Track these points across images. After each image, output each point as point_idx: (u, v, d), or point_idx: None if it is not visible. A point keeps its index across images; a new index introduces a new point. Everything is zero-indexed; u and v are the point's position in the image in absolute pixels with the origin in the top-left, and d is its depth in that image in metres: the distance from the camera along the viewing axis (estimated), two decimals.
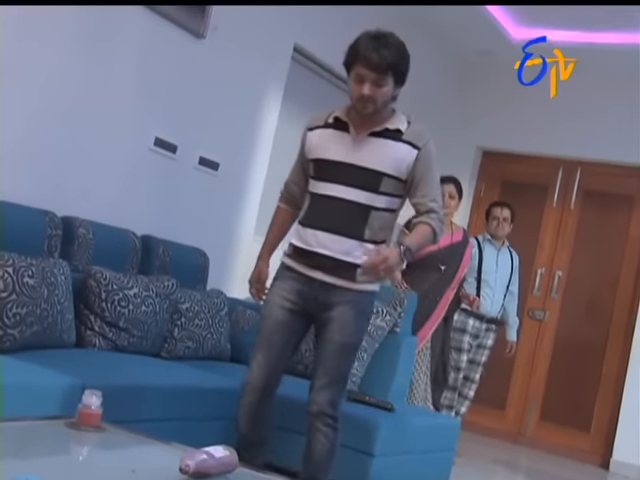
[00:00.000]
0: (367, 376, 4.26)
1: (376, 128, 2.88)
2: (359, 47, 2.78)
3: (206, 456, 1.90)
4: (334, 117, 2.97)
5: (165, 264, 4.28)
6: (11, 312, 3.19)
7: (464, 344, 5.31)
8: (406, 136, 2.89)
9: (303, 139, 3.05)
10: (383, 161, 2.86)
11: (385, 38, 2.79)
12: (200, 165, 4.70)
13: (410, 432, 3.91)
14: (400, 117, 2.95)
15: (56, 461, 1.93)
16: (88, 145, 4.08)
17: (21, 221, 3.53)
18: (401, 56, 2.81)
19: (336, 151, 2.89)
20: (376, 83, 2.78)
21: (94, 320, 3.70)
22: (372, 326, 4.24)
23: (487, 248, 5.43)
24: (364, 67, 2.77)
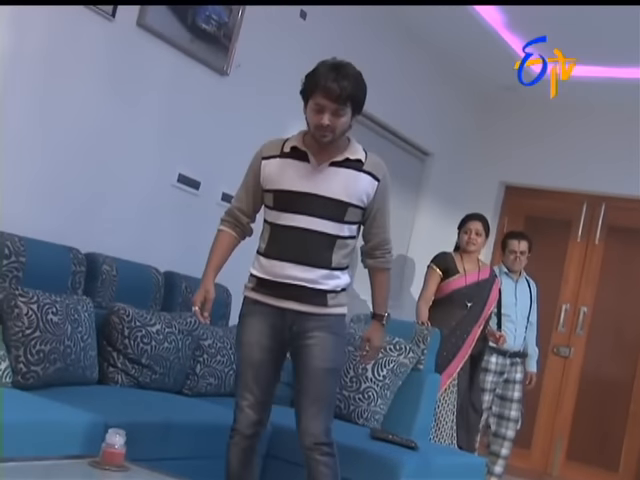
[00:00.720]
0: (390, 414, 4.24)
1: (337, 158, 2.89)
2: (319, 77, 2.78)
3: None
4: (291, 147, 2.94)
5: (187, 300, 4.28)
6: (35, 349, 3.21)
7: (487, 384, 5.24)
8: (367, 167, 2.92)
9: (256, 168, 3.00)
10: (347, 191, 2.86)
11: (344, 68, 2.80)
12: (223, 201, 4.72)
13: (434, 471, 3.87)
14: (357, 146, 2.96)
15: None
16: (112, 181, 4.12)
17: (45, 258, 3.57)
18: (359, 87, 2.82)
19: (298, 182, 2.87)
20: (335, 113, 2.79)
21: (117, 357, 3.72)
22: (395, 363, 4.23)
23: (504, 281, 5.34)
24: (324, 97, 2.77)
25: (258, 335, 2.93)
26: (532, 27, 5.45)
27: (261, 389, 2.95)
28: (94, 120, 3.97)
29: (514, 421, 5.34)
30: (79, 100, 3.88)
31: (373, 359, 3.15)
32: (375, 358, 3.19)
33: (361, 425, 4.15)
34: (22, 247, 3.43)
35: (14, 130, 3.61)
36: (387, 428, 4.12)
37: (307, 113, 2.86)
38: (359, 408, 4.18)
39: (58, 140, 3.83)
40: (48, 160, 3.80)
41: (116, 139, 4.09)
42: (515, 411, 5.33)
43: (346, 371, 4.23)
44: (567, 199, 6.88)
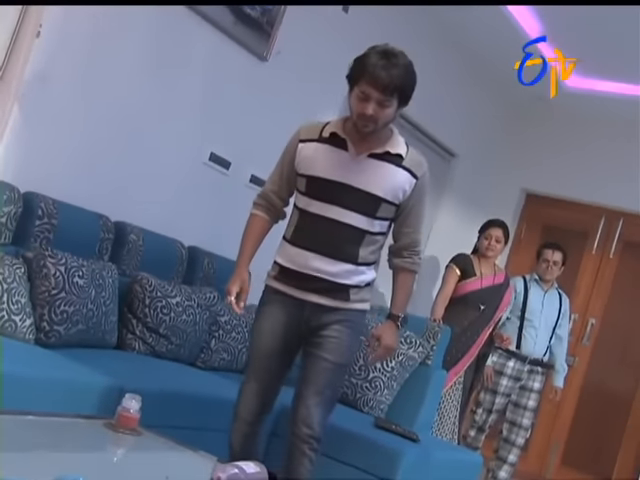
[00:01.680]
0: (395, 405, 4.25)
1: (377, 150, 2.72)
2: (367, 63, 2.59)
3: (237, 470, 1.91)
4: (330, 132, 2.76)
5: (208, 276, 4.32)
6: (59, 309, 3.25)
7: (500, 387, 5.21)
8: (406, 162, 2.75)
9: (291, 150, 2.83)
10: (383, 186, 2.71)
11: (395, 57, 2.60)
12: (251, 183, 4.74)
13: (433, 464, 3.88)
14: (399, 139, 2.79)
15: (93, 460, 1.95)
16: (146, 155, 4.14)
17: (76, 222, 3.60)
18: (409, 78, 2.63)
19: (334, 170, 2.71)
20: (381, 103, 2.60)
21: (136, 324, 3.75)
22: (404, 356, 4.24)
23: (533, 288, 5.30)
24: (370, 86, 2.57)
25: (274, 324, 2.80)
26: (568, 37, 5.41)
27: (269, 378, 2.83)
28: (135, 95, 3.99)
29: (525, 429, 5.29)
30: (122, 75, 3.90)
31: (382, 359, 2.98)
32: (384, 358, 2.98)
33: (366, 413, 4.16)
34: (55, 210, 3.46)
35: (60, 100, 3.64)
36: (391, 418, 4.14)
37: (351, 99, 2.67)
38: (365, 396, 4.19)
39: (100, 112, 3.85)
40: (89, 130, 3.82)
41: (154, 114, 4.11)
42: (527, 419, 5.28)
43: (356, 359, 4.24)
44: (586, 211, 6.84)
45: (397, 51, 2.63)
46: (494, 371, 5.18)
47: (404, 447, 3.70)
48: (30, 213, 3.39)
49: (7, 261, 3.11)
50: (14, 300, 3.06)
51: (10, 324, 3.04)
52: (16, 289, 3.08)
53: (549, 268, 5.27)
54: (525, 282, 5.32)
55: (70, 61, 3.65)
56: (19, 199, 3.34)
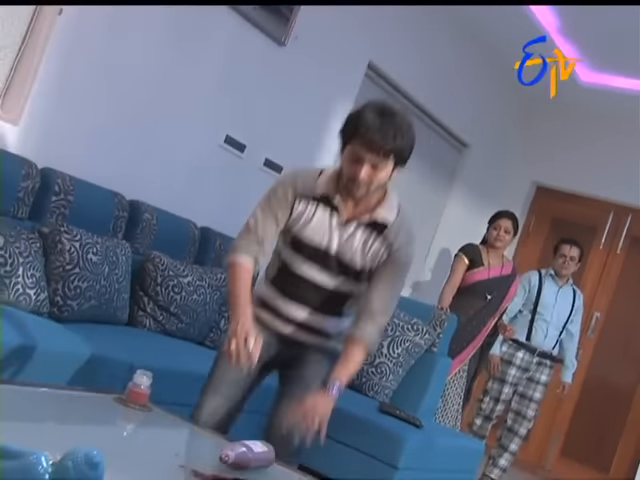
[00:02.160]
0: (400, 390, 4.26)
1: (364, 218, 2.46)
2: (362, 123, 2.32)
3: (245, 449, 1.92)
4: (322, 195, 2.47)
5: (220, 257, 4.32)
6: (73, 284, 3.26)
7: (509, 377, 5.20)
8: (389, 232, 2.48)
9: (286, 199, 2.48)
10: (366, 260, 2.47)
11: (392, 117, 2.34)
12: (265, 167, 4.74)
13: (435, 450, 3.90)
14: (391, 204, 2.50)
15: (103, 434, 1.96)
16: (163, 135, 4.14)
17: (92, 199, 3.61)
18: (407, 140, 2.36)
19: (322, 236, 2.46)
20: (374, 166, 2.35)
21: (147, 302, 3.76)
22: (410, 343, 4.25)
23: (547, 283, 5.26)
24: (364, 148, 2.32)
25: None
26: (585, 33, 5.38)
27: (228, 405, 2.52)
28: (153, 76, 3.98)
29: (529, 420, 5.28)
30: (141, 56, 3.89)
31: (312, 429, 2.30)
32: (315, 429, 2.30)
33: (371, 397, 4.17)
34: (71, 186, 3.46)
35: (80, 78, 3.65)
36: (395, 404, 4.14)
37: (343, 158, 2.41)
38: (371, 381, 4.20)
39: (119, 92, 3.85)
40: (107, 109, 3.82)
41: (171, 96, 4.11)
42: (532, 411, 5.27)
43: None
44: (595, 206, 6.82)
45: (395, 109, 2.38)
46: (503, 361, 5.18)
47: (407, 432, 3.71)
48: (47, 189, 3.40)
49: (23, 235, 3.12)
50: (29, 274, 3.07)
51: (25, 297, 3.05)
52: (31, 263, 3.09)
53: (566, 263, 5.23)
54: (540, 276, 5.30)
55: (91, 39, 3.64)
56: (37, 175, 3.34)
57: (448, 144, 6.48)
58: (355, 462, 3.66)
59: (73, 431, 1.71)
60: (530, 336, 5.21)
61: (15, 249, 3.03)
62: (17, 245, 3.05)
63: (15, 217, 3.28)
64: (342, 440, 3.61)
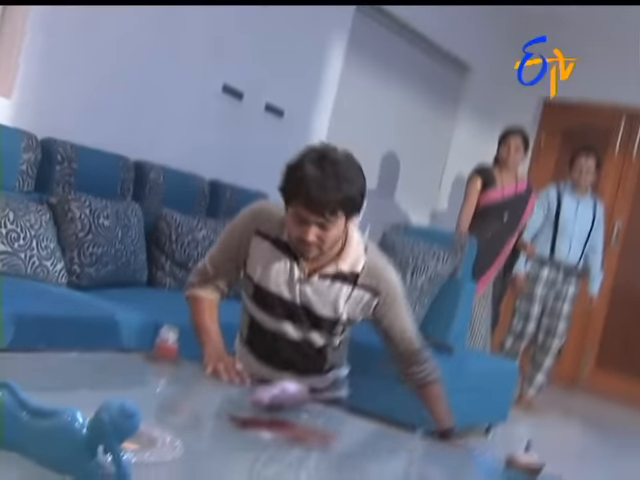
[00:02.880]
0: (427, 320, 4.28)
1: (327, 269, 2.22)
2: (301, 181, 2.04)
3: (278, 391, 1.94)
4: (283, 241, 2.23)
5: (232, 208, 4.32)
6: (88, 251, 3.29)
7: (536, 294, 5.22)
8: (363, 279, 2.22)
9: (244, 238, 2.26)
10: (338, 309, 2.24)
11: (334, 165, 2.06)
12: (266, 111, 4.72)
13: (468, 373, 3.94)
14: (354, 249, 2.23)
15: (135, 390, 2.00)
16: (159, 92, 4.12)
17: (96, 165, 3.62)
18: (356, 187, 2.09)
19: (284, 286, 2.23)
20: (323, 226, 2.09)
21: (164, 261, 3.78)
22: (433, 271, 4.26)
23: (567, 197, 5.25)
24: (306, 209, 2.06)
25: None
26: None
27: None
28: (143, 32, 3.95)
29: (560, 335, 5.32)
30: (128, 11, 3.85)
31: None
32: None
33: None
34: (74, 154, 3.47)
35: (67, 44, 3.62)
36: (425, 333, 4.16)
37: (287, 217, 2.15)
38: None
39: (108, 53, 3.82)
40: (99, 72, 3.80)
41: (163, 50, 4.07)
42: (563, 326, 5.30)
43: None
44: (606, 113, 6.74)
45: (338, 155, 2.10)
46: (529, 279, 5.20)
47: (439, 358, 3.69)
48: (50, 159, 3.41)
49: (32, 208, 3.13)
50: (43, 245, 3.09)
51: (42, 269, 3.08)
52: (44, 235, 3.11)
53: (582, 175, 5.20)
54: (558, 190, 5.27)
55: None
56: (37, 146, 3.35)
57: (448, 68, 6.41)
58: (388, 394, 3.68)
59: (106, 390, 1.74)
60: (554, 251, 5.21)
61: (26, 222, 3.05)
62: (27, 218, 3.07)
63: (21, 191, 3.30)
64: (373, 373, 3.65)
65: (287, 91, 4.84)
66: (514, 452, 1.84)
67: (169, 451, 1.44)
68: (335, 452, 1.85)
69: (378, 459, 1.90)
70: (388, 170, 5.97)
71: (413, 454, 2.15)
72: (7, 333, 2.45)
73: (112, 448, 1.19)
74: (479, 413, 4.13)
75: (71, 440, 1.22)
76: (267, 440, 1.76)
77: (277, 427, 1.81)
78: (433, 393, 2.36)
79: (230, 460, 1.59)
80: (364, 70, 5.44)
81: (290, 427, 1.84)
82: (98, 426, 1.20)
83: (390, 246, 4.38)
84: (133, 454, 1.37)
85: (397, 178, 6.07)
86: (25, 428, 1.24)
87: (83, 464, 1.21)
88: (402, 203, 6.08)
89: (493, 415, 4.36)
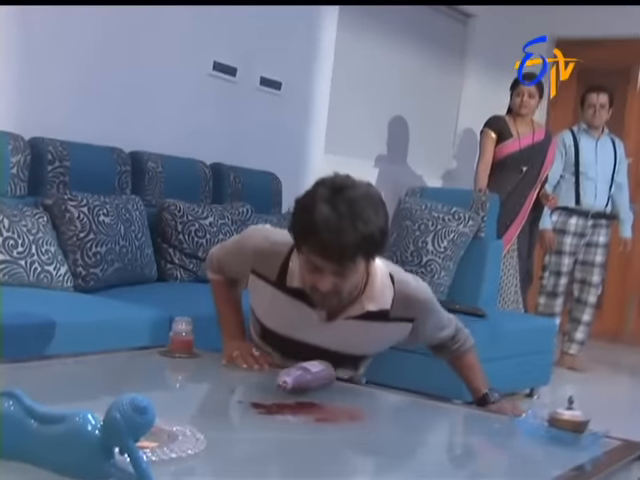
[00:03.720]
0: (454, 285, 4.27)
1: (352, 311, 2.09)
2: (312, 226, 1.88)
3: (302, 371, 1.93)
4: (294, 288, 2.08)
5: (237, 191, 4.32)
6: (91, 251, 3.28)
7: (565, 246, 5.17)
8: (394, 313, 2.11)
9: (244, 265, 2.18)
10: (369, 347, 2.20)
11: (349, 203, 1.88)
12: (262, 86, 4.69)
13: (504, 336, 3.92)
14: (378, 287, 2.09)
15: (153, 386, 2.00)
16: (147, 78, 4.09)
17: (89, 160, 3.60)
18: (375, 225, 1.90)
19: (302, 330, 2.13)
20: (340, 274, 1.95)
21: (173, 253, 3.78)
22: (455, 233, 4.24)
23: (583, 139, 5.19)
24: (320, 257, 1.91)
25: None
26: None
27: None
28: (122, 15, 3.90)
29: (596, 286, 5.28)
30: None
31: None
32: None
33: None
34: (65, 151, 3.46)
35: (41, 36, 3.60)
36: (453, 299, 4.16)
37: (300, 263, 2.02)
38: None
39: (87, 41, 3.79)
40: (79, 63, 3.77)
41: (146, 33, 4.04)
42: (597, 276, 5.26)
43: (405, 246, 4.25)
44: (623, 47, 6.64)
45: (353, 189, 1.92)
46: (556, 231, 5.15)
47: (472, 325, 3.64)
48: (40, 159, 3.40)
49: (27, 212, 3.13)
50: (43, 250, 3.09)
51: (45, 275, 3.08)
52: (43, 239, 3.11)
53: (596, 113, 5.14)
54: (574, 134, 5.21)
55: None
56: (26, 147, 3.34)
57: (451, 18, 6.34)
58: (422, 368, 3.68)
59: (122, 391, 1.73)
60: (579, 199, 5.16)
61: (22, 228, 3.05)
62: (23, 223, 3.07)
63: (14, 196, 3.29)
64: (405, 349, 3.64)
65: (282, 62, 4.80)
66: (556, 409, 1.82)
67: (191, 445, 1.44)
68: (368, 428, 1.84)
69: (416, 431, 1.89)
70: (397, 134, 5.93)
71: (452, 423, 2.15)
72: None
73: (127, 447, 1.19)
74: (520, 377, 4.12)
75: (85, 443, 1.21)
76: (295, 424, 1.76)
77: (304, 410, 1.81)
78: (467, 362, 2.33)
79: (257, 448, 1.59)
80: (360, 31, 5.38)
81: (318, 408, 1.84)
82: (110, 426, 1.19)
83: (408, 212, 4.36)
84: (152, 452, 1.37)
85: (407, 141, 6.02)
86: (35, 436, 1.24)
87: (99, 467, 1.20)
88: (416, 167, 6.05)
89: (535, 378, 4.34)
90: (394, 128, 5.89)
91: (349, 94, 5.36)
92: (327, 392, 1.96)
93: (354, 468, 1.62)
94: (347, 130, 5.37)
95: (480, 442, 1.85)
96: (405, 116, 5.95)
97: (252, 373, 2.07)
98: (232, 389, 1.91)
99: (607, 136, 5.28)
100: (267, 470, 1.45)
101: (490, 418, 2.08)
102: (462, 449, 1.82)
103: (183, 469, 1.37)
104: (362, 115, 5.53)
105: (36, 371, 1.95)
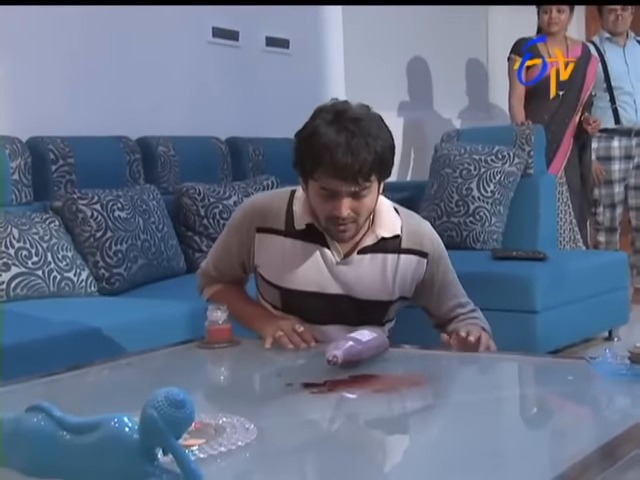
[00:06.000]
0: (508, 230, 4.24)
1: (367, 241, 2.17)
2: (322, 148, 1.99)
3: (352, 342, 1.91)
4: (306, 224, 2.16)
5: (259, 163, 4.31)
6: (111, 251, 3.29)
7: (613, 173, 5.08)
8: (406, 243, 2.19)
9: (242, 241, 2.24)
10: (388, 286, 2.20)
11: (356, 122, 2.01)
12: (269, 47, 4.67)
13: (571, 278, 3.87)
14: (387, 212, 2.20)
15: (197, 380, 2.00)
16: (143, 56, 4.08)
17: (95, 153, 3.62)
18: (385, 143, 2.04)
19: (316, 278, 2.17)
20: (356, 195, 2.03)
21: (200, 240, 3.78)
22: (501, 174, 4.20)
23: (609, 49, 5.09)
24: (335, 179, 2.00)
25: None
26: None
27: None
28: None
29: None
30: None
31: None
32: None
33: (479, 250, 4.15)
34: (67, 148, 3.47)
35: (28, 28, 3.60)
36: (508, 246, 4.12)
37: (310, 196, 2.11)
38: (473, 232, 4.17)
39: (73, 28, 3.78)
40: (68, 52, 3.76)
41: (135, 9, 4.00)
42: None
43: (449, 196, 4.21)
44: None
45: (356, 109, 2.05)
46: (599, 159, 5.05)
47: (534, 270, 3.69)
48: (42, 160, 3.41)
49: (37, 218, 3.15)
50: (60, 257, 3.11)
51: (66, 282, 3.10)
52: (58, 244, 3.13)
53: (618, 18, 5.03)
54: (596, 46, 5.10)
55: None
56: (24, 149, 3.35)
57: None
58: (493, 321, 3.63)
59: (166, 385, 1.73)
60: (618, 118, 5.05)
61: (34, 236, 3.06)
62: (34, 231, 3.08)
63: (20, 203, 3.31)
64: None
65: (287, 18, 4.77)
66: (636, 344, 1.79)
67: (241, 436, 1.43)
68: (434, 393, 1.82)
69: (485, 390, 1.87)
70: (419, 78, 5.85)
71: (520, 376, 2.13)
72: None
73: (170, 445, 1.17)
74: (594, 320, 4.08)
75: (124, 448, 1.20)
76: (353, 399, 1.75)
77: (359, 383, 1.79)
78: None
79: (313, 430, 1.58)
80: None
81: (374, 379, 1.82)
82: (148, 425, 1.18)
83: (446, 159, 4.32)
84: (200, 449, 1.36)
85: (431, 85, 5.94)
86: (69, 448, 1.22)
87: (143, 471, 1.19)
88: (443, 110, 5.96)
89: (611, 319, 4.29)
90: (415, 72, 5.81)
91: (363, 42, 5.29)
92: (381, 361, 1.94)
93: (426, 436, 1.59)
94: (365, 81, 5.30)
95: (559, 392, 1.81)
96: (425, 57, 5.85)
97: (299, 352, 2.06)
98: (279, 372, 1.89)
99: (634, 40, 5.16)
100: (328, 451, 1.44)
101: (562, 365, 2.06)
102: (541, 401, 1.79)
103: (235, 462, 1.36)
104: (379, 63, 5.46)
105: (70, 382, 1.95)
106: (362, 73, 5.26)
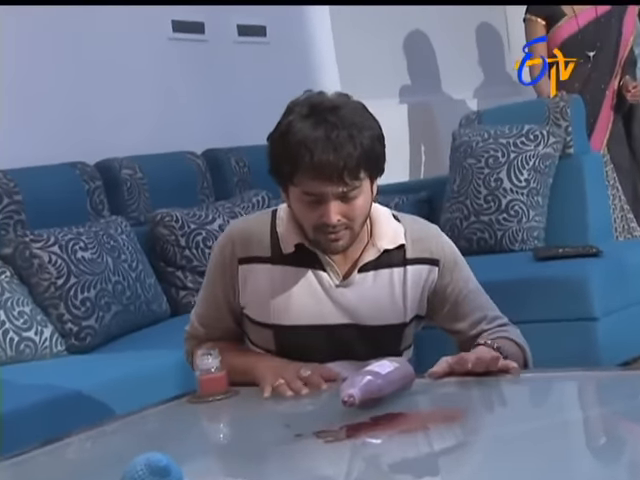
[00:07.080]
0: (551, 224, 4.24)
1: (366, 256, 2.19)
2: (298, 146, 2.01)
3: (371, 376, 1.92)
4: (295, 244, 2.17)
5: (244, 177, 4.35)
6: (77, 300, 3.31)
7: None
8: (412, 252, 2.20)
9: (226, 277, 2.24)
10: (399, 306, 2.21)
11: (336, 113, 2.04)
12: (241, 36, 4.71)
13: (633, 275, 3.88)
14: (385, 219, 2.23)
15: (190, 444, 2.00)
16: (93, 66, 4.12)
17: (47, 186, 3.65)
18: (371, 133, 2.06)
19: (313, 309, 2.18)
20: (345, 197, 2.04)
21: (182, 276, 3.81)
22: (535, 158, 4.21)
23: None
24: (318, 182, 2.01)
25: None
26: None
27: None
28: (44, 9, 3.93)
29: None
30: None
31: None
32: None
33: (519, 251, 4.16)
34: (11, 182, 3.50)
35: None
36: (552, 243, 4.13)
37: (292, 205, 2.13)
38: (509, 231, 4.18)
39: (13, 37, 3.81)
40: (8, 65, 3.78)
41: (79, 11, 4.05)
42: None
43: (475, 191, 4.22)
44: None
45: (334, 99, 2.09)
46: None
47: (586, 268, 3.71)
48: None
49: None
50: (15, 314, 3.13)
51: (27, 344, 3.12)
52: (11, 299, 3.15)
53: None
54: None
55: None
56: None
57: None
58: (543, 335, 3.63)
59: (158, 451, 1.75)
60: None
61: None
62: None
63: None
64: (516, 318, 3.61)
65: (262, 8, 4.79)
66: None
67: None
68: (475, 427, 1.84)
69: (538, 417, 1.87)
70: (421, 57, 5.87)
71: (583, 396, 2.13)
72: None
73: None
74: None
75: None
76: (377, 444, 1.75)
77: (384, 424, 1.80)
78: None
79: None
80: None
81: (401, 418, 1.83)
82: None
83: (467, 148, 4.34)
84: None
85: (436, 63, 5.96)
86: None
87: None
88: (453, 91, 5.99)
89: None
90: (415, 49, 5.82)
91: (352, 20, 5.33)
92: (407, 396, 1.95)
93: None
94: (359, 65, 5.32)
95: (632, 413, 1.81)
96: (425, 29, 5.87)
97: (309, 398, 2.07)
98: (287, 422, 1.90)
99: None
100: None
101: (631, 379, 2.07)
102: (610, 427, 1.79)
103: None
104: (374, 41, 5.49)
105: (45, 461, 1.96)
106: (355, 56, 5.28)
